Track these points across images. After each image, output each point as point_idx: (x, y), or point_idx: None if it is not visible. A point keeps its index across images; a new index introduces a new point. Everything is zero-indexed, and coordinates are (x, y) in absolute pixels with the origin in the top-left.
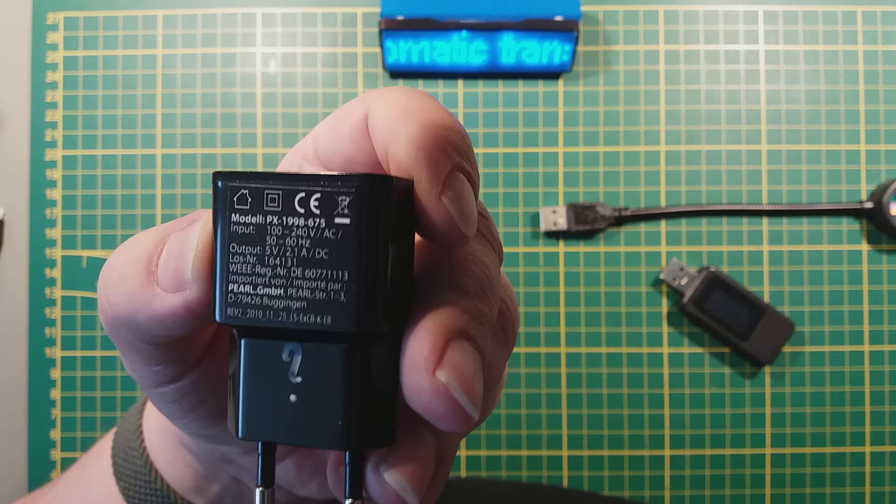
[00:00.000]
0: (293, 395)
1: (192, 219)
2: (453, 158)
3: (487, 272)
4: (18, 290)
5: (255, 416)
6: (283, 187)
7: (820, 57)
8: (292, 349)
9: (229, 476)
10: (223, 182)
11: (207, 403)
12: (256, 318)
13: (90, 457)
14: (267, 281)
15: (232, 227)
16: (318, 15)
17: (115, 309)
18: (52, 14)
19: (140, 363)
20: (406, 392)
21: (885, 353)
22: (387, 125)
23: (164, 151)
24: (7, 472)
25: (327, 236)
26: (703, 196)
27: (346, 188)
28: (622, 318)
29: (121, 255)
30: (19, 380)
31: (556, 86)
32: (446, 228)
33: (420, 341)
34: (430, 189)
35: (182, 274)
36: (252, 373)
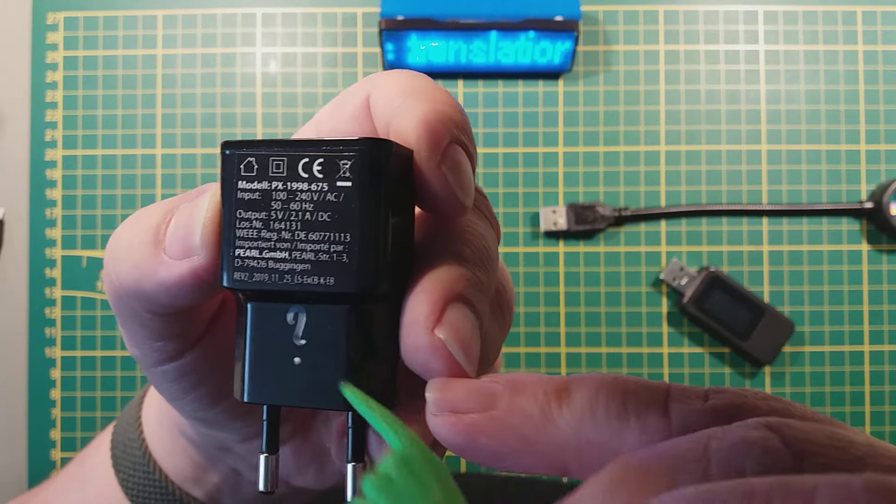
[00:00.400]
0: (298, 357)
1: (200, 190)
2: (452, 131)
3: (486, 244)
4: (18, 290)
5: (261, 380)
6: (288, 153)
7: (820, 57)
8: (297, 311)
9: (228, 466)
10: (231, 150)
11: (207, 383)
12: (262, 281)
13: (89, 450)
14: (272, 245)
15: (239, 194)
16: (318, 15)
17: (122, 277)
18: (52, 14)
19: (143, 337)
20: (405, 351)
21: (885, 353)
22: (388, 103)
23: (164, 151)
24: (7, 472)
25: (330, 199)
26: (703, 196)
27: (348, 151)
28: (622, 318)
29: (128, 225)
30: (19, 380)
31: (556, 86)
32: (445, 197)
33: (420, 302)
34: (430, 158)
35: (191, 241)
36: (258, 336)
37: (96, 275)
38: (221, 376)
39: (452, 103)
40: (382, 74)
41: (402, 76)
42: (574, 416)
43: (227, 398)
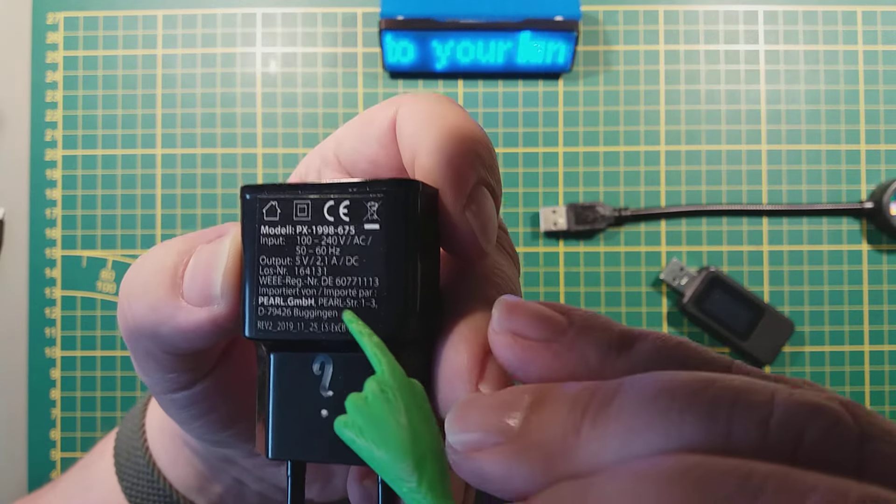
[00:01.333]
0: (325, 409)
1: (219, 231)
2: (479, 172)
3: (513, 287)
4: (18, 290)
5: (286, 435)
6: (313, 196)
7: (820, 57)
8: (323, 361)
9: (231, 477)
10: (251, 195)
11: (217, 411)
12: (287, 330)
13: (92, 456)
14: (297, 292)
15: (262, 240)
16: (318, 15)
17: (138, 319)
18: (52, 14)
19: (154, 370)
20: (444, 405)
21: (885, 353)
22: (414, 132)
23: (164, 151)
24: (7, 472)
25: (357, 243)
26: (703, 196)
27: (375, 194)
28: (622, 319)
29: (144, 264)
30: (19, 380)
31: (556, 86)
32: (467, 242)
33: (460, 353)
34: (456, 202)
35: (211, 289)
36: (282, 388)
37: (96, 275)
38: (232, 404)
39: (479, 137)
40: (409, 97)
41: (429, 102)
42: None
43: (237, 423)
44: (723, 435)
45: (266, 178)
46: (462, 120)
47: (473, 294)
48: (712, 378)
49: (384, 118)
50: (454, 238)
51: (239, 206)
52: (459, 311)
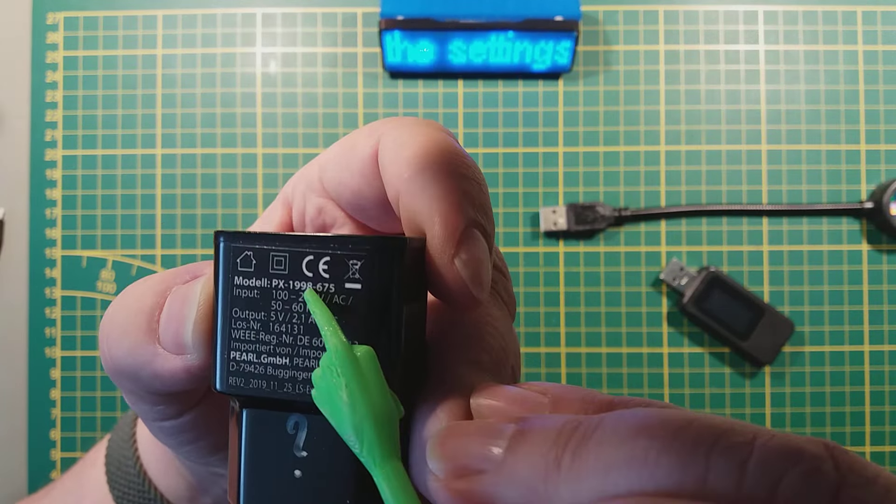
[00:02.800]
0: (298, 469)
1: (193, 272)
2: (468, 214)
3: (504, 344)
4: (18, 290)
5: (258, 492)
6: (291, 249)
7: (820, 57)
8: (297, 421)
9: (221, 489)
10: (226, 242)
11: (205, 439)
12: (260, 388)
13: (84, 464)
14: (272, 349)
15: (235, 291)
16: (318, 15)
17: (117, 362)
18: (52, 14)
19: (140, 403)
20: (420, 478)
21: (885, 353)
22: (397, 170)
23: (164, 151)
24: (7, 472)
25: (336, 302)
26: (703, 196)
27: (357, 252)
28: (622, 318)
29: (122, 306)
30: (19, 380)
31: (556, 86)
32: (458, 292)
33: (442, 424)
34: (444, 251)
35: (182, 338)
36: (254, 446)
37: (96, 275)
38: (220, 432)
39: (467, 172)
40: (391, 125)
41: (413, 133)
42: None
43: (224, 449)
44: (700, 477)
45: (266, 179)
46: (447, 150)
47: (460, 356)
48: (694, 417)
49: (365, 148)
50: (444, 288)
51: (213, 252)
52: (444, 377)
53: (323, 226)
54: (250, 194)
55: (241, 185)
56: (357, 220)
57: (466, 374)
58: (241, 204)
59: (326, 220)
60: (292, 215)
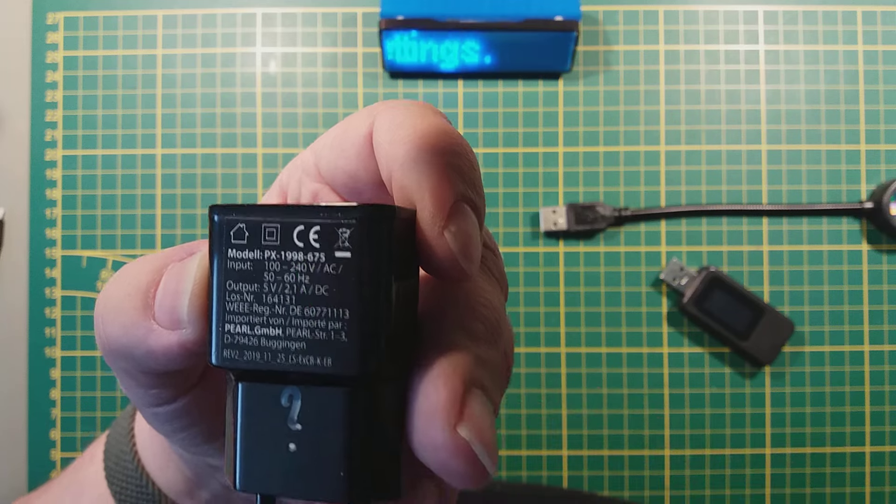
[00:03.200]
0: (293, 443)
1: (189, 249)
2: (458, 188)
3: (497, 315)
4: (18, 290)
5: (254, 467)
6: (282, 220)
7: (820, 57)
8: (291, 393)
9: (219, 482)
10: (220, 216)
11: (200, 424)
12: (254, 360)
13: (82, 461)
14: (265, 321)
15: (229, 264)
16: (318, 15)
17: (112, 341)
18: (52, 14)
19: (134, 386)
20: (419, 444)
21: (885, 353)
22: (391, 148)
23: (164, 151)
24: (7, 472)
25: (327, 272)
26: (703, 196)
27: (347, 220)
28: (622, 318)
29: (117, 284)
30: (19, 379)
31: (556, 86)
32: (447, 265)
33: (437, 390)
34: (433, 223)
35: (178, 313)
36: (250, 419)
37: (96, 275)
38: (215, 418)
39: (459, 149)
40: (386, 106)
41: (406, 112)
42: None
43: (219, 438)
44: None
45: (266, 179)
46: (440, 130)
47: (454, 324)
48: None
49: (361, 129)
50: (433, 261)
51: (208, 227)
52: (438, 344)
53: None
54: (250, 194)
55: (241, 185)
56: None
57: (461, 341)
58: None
59: None
60: (287, 201)
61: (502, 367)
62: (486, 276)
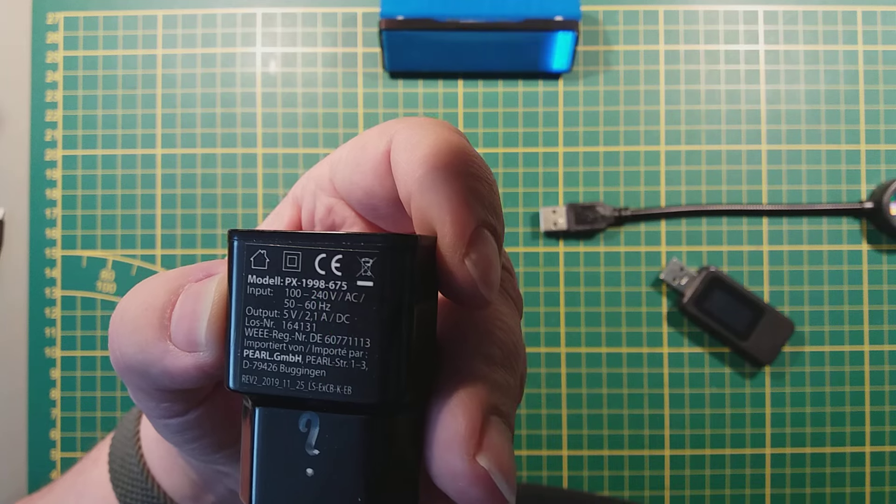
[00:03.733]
0: (310, 468)
1: (207, 270)
2: (479, 214)
3: (514, 339)
4: (18, 290)
5: (270, 490)
6: (304, 248)
7: (820, 57)
8: (309, 419)
9: (225, 487)
10: (240, 241)
11: (211, 436)
12: (273, 386)
13: (87, 463)
14: (284, 347)
15: (248, 290)
16: (318, 15)
17: (128, 358)
18: (52, 14)
19: (146, 399)
20: (438, 472)
21: (885, 353)
22: (409, 167)
23: (164, 151)
24: (7, 472)
25: (349, 300)
26: (703, 196)
27: (370, 249)
28: (622, 318)
29: (133, 301)
30: (19, 380)
31: (556, 86)
32: (468, 292)
33: (456, 419)
34: (455, 250)
35: (195, 336)
36: (267, 444)
37: (96, 275)
38: (226, 429)
39: (479, 172)
40: (403, 125)
41: (426, 133)
42: None
43: (231, 447)
44: None
45: (266, 179)
46: (460, 150)
47: (472, 350)
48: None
49: (379, 146)
50: (454, 288)
51: (227, 250)
52: (456, 371)
53: (332, 225)
54: (250, 194)
55: (241, 185)
56: (367, 220)
57: (479, 368)
58: (241, 204)
59: (336, 220)
60: (301, 215)
61: (517, 389)
62: (504, 298)
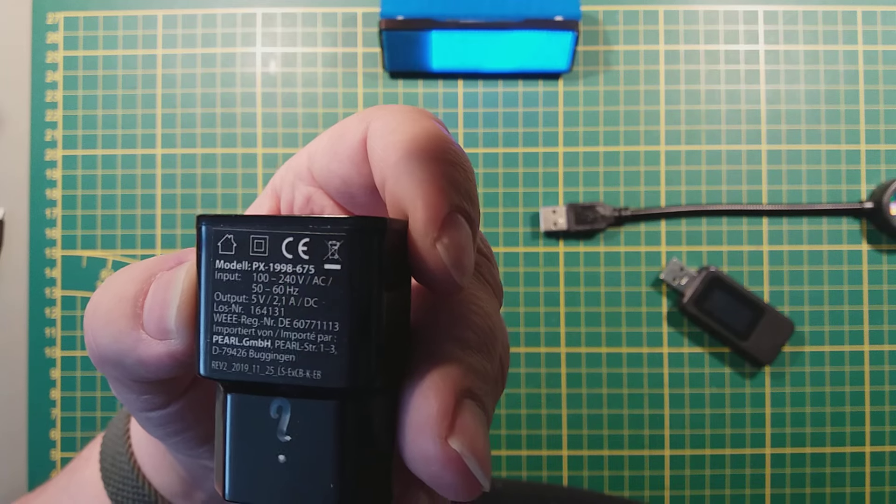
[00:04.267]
0: (282, 454)
1: (178, 258)
2: (452, 199)
3: (490, 323)
4: (18, 290)
5: (243, 477)
6: (270, 231)
7: (820, 57)
8: (280, 405)
9: (214, 483)
10: (207, 226)
11: (193, 429)
12: (242, 372)
13: (79, 462)
14: (253, 332)
15: (216, 275)
16: (318, 15)
17: (102, 349)
18: (52, 14)
19: (126, 392)
20: (410, 456)
21: (885, 353)
22: (384, 153)
23: (164, 151)
24: (7, 472)
25: (316, 284)
26: (703, 196)
27: (336, 232)
28: (622, 318)
29: (106, 293)
30: (19, 380)
31: (556, 86)
32: (440, 277)
33: (428, 401)
34: (426, 234)
35: (165, 323)
36: (238, 430)
37: (96, 275)
38: (208, 422)
39: (454, 158)
40: (380, 112)
41: (402, 119)
42: None
43: (212, 440)
44: None
45: (266, 179)
46: (435, 136)
47: (446, 334)
48: None
49: (355, 135)
50: (425, 273)
51: (195, 237)
52: (429, 354)
53: (311, 214)
54: (250, 194)
55: (241, 185)
56: (345, 209)
57: (452, 351)
58: (241, 204)
59: (315, 209)
60: (280, 205)
61: (496, 375)
62: (480, 283)
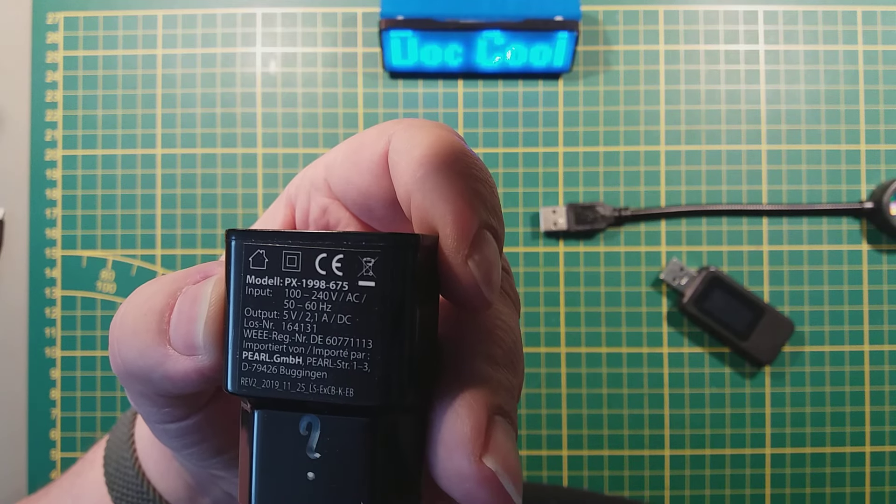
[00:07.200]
0: (311, 472)
1: (204, 272)
2: (481, 215)
3: (514, 337)
4: (18, 290)
5: (270, 494)
6: (303, 247)
7: (820, 57)
8: (310, 422)
9: (222, 490)
10: (238, 241)
11: (209, 441)
12: (272, 388)
13: (82, 465)
14: (284, 349)
15: (247, 290)
16: (318, 15)
17: (128, 364)
18: (52, 14)
19: (147, 405)
20: (443, 474)
21: (885, 353)
22: (410, 170)
23: (164, 151)
24: (7, 472)
25: (350, 300)
26: (703, 196)
27: (371, 249)
28: (622, 318)
29: (132, 307)
30: (19, 380)
31: (556, 86)
32: (470, 293)
33: (462, 421)
34: (458, 251)
35: (193, 339)
36: (266, 447)
37: (96, 275)
38: (224, 435)
39: (480, 174)
40: (402, 126)
41: (426, 134)
42: None
43: (229, 451)
44: None
45: (266, 179)
46: (460, 151)
47: (474, 350)
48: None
49: (375, 148)
50: (456, 289)
51: (224, 250)
52: (459, 371)
53: (327, 225)
54: (250, 194)
55: (241, 185)
56: (362, 221)
57: (482, 368)
58: (241, 204)
59: (331, 220)
60: (296, 215)
61: (519, 388)
62: (504, 298)
